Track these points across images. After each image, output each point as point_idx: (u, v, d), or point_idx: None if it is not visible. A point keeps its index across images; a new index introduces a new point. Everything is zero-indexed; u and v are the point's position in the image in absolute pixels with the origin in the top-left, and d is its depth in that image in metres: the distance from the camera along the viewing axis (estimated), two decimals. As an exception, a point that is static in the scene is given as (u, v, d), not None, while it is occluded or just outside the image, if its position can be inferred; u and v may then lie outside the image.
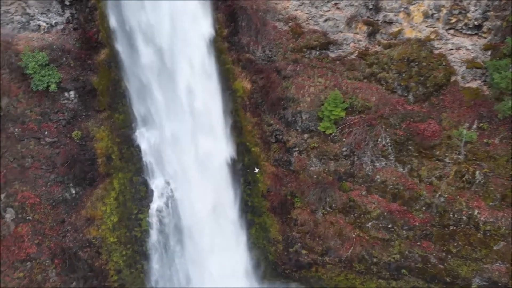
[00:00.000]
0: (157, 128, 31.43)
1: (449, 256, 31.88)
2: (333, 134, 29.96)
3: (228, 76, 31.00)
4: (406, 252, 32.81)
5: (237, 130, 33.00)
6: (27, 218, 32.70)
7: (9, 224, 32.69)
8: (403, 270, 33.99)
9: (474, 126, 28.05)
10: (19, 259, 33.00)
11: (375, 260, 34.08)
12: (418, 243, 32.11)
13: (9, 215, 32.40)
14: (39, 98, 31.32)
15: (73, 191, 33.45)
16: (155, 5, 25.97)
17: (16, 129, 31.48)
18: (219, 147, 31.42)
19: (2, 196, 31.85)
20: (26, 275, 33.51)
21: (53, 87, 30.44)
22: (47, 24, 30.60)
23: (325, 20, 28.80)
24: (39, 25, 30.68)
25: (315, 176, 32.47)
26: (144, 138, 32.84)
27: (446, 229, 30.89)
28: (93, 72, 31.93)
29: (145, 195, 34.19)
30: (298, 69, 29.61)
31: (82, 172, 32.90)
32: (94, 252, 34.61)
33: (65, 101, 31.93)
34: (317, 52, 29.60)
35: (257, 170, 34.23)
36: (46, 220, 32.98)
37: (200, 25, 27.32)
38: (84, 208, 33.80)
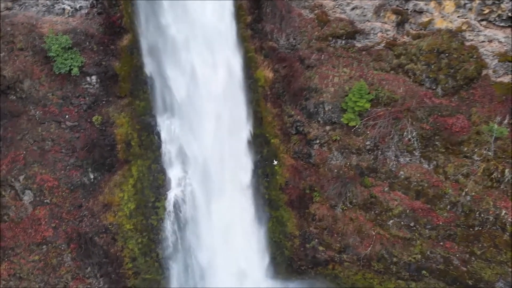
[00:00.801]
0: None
1: (473, 258, 30.68)
2: (356, 126, 29.08)
3: (250, 65, 30.46)
4: (428, 253, 31.70)
5: (257, 121, 32.43)
6: (45, 201, 32.72)
7: (27, 206, 32.77)
8: (424, 271, 32.88)
9: (505, 121, 26.88)
10: (35, 242, 33.06)
11: (395, 259, 33.06)
12: (441, 243, 30.98)
13: (27, 197, 32.49)
14: (61, 82, 31.31)
15: (92, 176, 33.35)
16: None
17: (37, 112, 31.54)
18: None
19: (21, 178, 31.94)
20: (41, 258, 33.55)
21: (75, 70, 30.33)
22: (71, 8, 30.56)
23: (352, 8, 27.99)
24: (63, 9, 30.67)
25: (335, 170, 31.64)
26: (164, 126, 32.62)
27: (471, 229, 29.71)
28: (115, 58, 31.77)
29: (163, 183, 33.87)
30: (322, 58, 28.87)
31: (101, 157, 32.77)
32: (110, 239, 34.46)
33: (87, 86, 31.83)
34: (343, 41, 28.81)
35: (275, 162, 33.60)
36: (64, 204, 32.95)
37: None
38: (101, 194, 33.67)
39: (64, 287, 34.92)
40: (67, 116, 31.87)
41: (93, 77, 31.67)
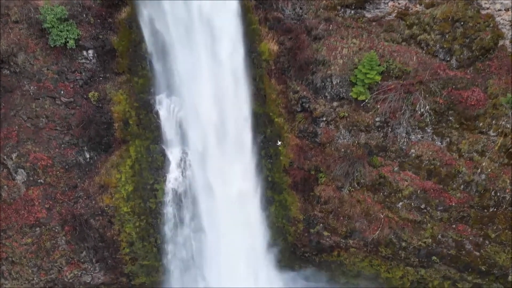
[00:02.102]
0: None
1: (487, 242, 29.25)
2: (366, 100, 27.64)
3: (254, 38, 29.10)
4: (439, 236, 30.26)
5: (260, 99, 31.04)
6: (39, 181, 31.40)
7: (20, 186, 31.46)
8: (434, 257, 31.45)
9: (524, 94, 25.46)
10: (28, 224, 31.74)
11: (404, 244, 31.61)
12: (453, 226, 29.56)
13: (20, 176, 31.16)
14: (57, 56, 30.09)
15: (88, 156, 32.04)
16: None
17: (32, 87, 30.32)
18: None
19: (14, 156, 30.62)
20: (34, 241, 32.23)
21: (71, 43, 29.14)
22: (68, -22, 29.28)
23: (363, -25, 26.61)
24: (60, -20, 29.39)
25: (342, 150, 30.22)
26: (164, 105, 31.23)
27: (485, 210, 28.28)
28: (113, 32, 30.47)
29: (162, 165, 32.53)
30: (330, 28, 27.46)
31: (97, 135, 31.43)
32: (106, 221, 33.10)
33: (83, 61, 30.59)
34: (352, 11, 27.41)
35: (279, 143, 32.22)
36: (58, 184, 31.63)
37: None
38: (98, 175, 32.34)
39: (58, 272, 33.54)
40: (62, 92, 30.64)
41: (90, 52, 30.40)
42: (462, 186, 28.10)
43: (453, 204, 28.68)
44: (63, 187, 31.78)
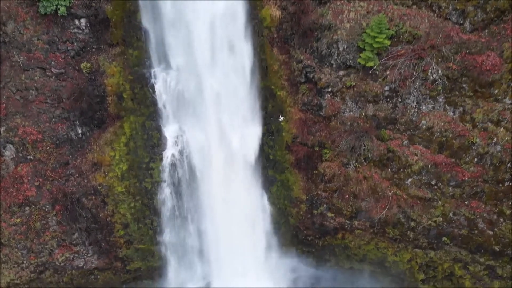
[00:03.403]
0: None
1: (501, 219, 27.68)
2: (374, 67, 26.08)
3: (255, 4, 27.59)
4: (451, 214, 28.69)
5: (262, 71, 29.52)
6: (28, 157, 29.81)
7: (9, 163, 29.87)
8: (444, 238, 29.90)
9: (543, 57, 23.94)
10: (17, 203, 30.13)
11: (412, 224, 30.04)
12: (466, 203, 27.98)
13: (9, 152, 29.57)
14: (47, 25, 28.52)
15: (80, 131, 30.45)
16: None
17: (21, 58, 28.77)
18: None
19: (2, 130, 29.03)
20: (23, 221, 30.64)
21: (62, 10, 27.63)
22: None
23: None
24: None
25: (349, 123, 28.66)
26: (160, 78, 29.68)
27: (500, 185, 26.72)
28: (106, 0, 28.90)
29: (158, 142, 30.97)
30: (337, -10, 25.99)
31: (90, 109, 29.86)
32: (99, 201, 31.50)
33: (75, 30, 29.02)
34: (360, -28, 25.93)
35: (281, 118, 30.69)
36: (48, 160, 30.02)
37: None
38: (90, 152, 30.77)
39: (49, 255, 31.90)
40: (53, 63, 29.09)
41: (82, 21, 28.84)
42: (475, 159, 26.54)
43: (466, 178, 27.13)
44: (54, 164, 30.18)
